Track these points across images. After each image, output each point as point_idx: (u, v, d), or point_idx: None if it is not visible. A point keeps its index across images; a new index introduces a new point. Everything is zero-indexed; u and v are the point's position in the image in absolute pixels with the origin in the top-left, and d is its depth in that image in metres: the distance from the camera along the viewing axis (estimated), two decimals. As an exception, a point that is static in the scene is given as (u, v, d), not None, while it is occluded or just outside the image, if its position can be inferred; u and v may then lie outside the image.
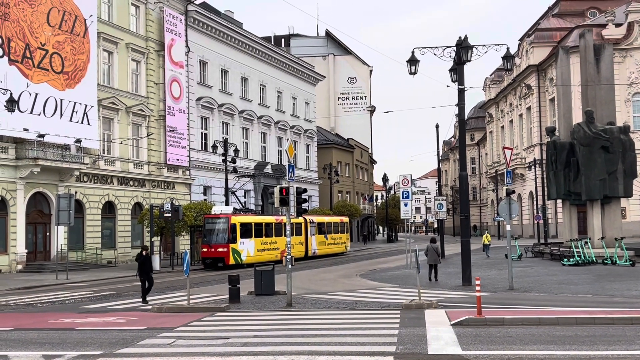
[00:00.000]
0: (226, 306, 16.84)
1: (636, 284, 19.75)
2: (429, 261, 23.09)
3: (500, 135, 79.01)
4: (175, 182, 43.08)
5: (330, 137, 73.80)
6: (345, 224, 48.80)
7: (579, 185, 29.90)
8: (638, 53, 55.38)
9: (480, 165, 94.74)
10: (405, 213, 30.29)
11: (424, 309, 15.20)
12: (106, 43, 37.82)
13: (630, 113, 54.68)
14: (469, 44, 21.21)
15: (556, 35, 64.81)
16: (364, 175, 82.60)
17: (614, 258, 27.28)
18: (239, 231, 33.82)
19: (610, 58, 32.49)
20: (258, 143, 54.09)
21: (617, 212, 30.72)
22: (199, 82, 46.31)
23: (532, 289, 19.61)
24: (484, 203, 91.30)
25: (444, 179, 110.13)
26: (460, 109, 21.89)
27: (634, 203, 51.30)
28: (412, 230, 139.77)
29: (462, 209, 22.47)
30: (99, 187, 36.94)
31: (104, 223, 37.51)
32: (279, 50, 61.27)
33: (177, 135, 42.65)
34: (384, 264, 34.41)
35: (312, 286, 22.64)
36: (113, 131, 38.18)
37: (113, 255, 37.35)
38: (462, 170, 22.13)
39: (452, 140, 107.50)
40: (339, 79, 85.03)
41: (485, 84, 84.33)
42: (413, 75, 22.20)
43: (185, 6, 44.81)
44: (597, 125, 29.81)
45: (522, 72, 66.67)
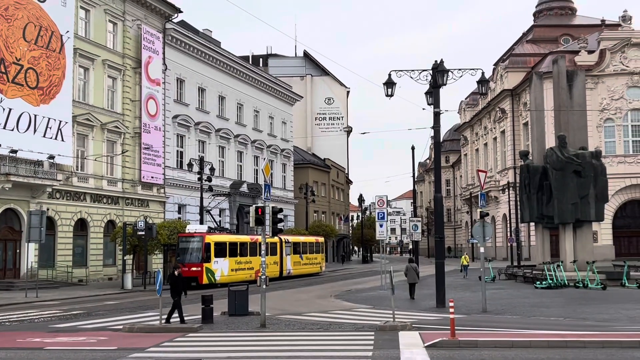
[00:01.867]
0: (199, 326, 16.66)
1: (607, 308, 19.95)
2: (409, 280, 24.37)
3: (475, 157, 79.81)
4: (150, 200, 42.71)
5: (307, 156, 73.90)
6: (320, 244, 48.71)
7: (551, 208, 30.26)
8: (610, 79, 56.48)
9: (455, 187, 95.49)
10: (380, 234, 30.35)
11: (398, 331, 15.18)
12: (82, 59, 37.59)
13: (601, 138, 55.61)
14: (445, 68, 21.48)
15: (530, 60, 65.93)
16: (340, 195, 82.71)
17: (585, 281, 27.58)
18: (213, 250, 33.57)
19: (583, 84, 33.11)
20: (234, 162, 53.95)
21: (589, 236, 31.11)
22: (175, 100, 46.16)
23: (505, 311, 19.71)
24: (458, 225, 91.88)
25: (420, 200, 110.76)
26: (436, 131, 22.10)
27: (605, 227, 52.06)
28: (388, 251, 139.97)
29: (436, 231, 22.59)
30: (72, 204, 36.48)
31: (76, 240, 36.99)
32: (257, 70, 61.42)
33: (153, 153, 42.38)
34: (359, 285, 34.35)
35: (286, 307, 22.51)
36: (87, 148, 37.83)
37: (84, 273, 36.79)
38: (437, 192, 22.28)
39: (427, 162, 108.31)
40: (317, 99, 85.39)
41: (461, 107, 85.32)
42: (390, 97, 22.43)
43: (164, 24, 44.80)
44: (569, 150, 30.27)
45: (496, 96, 67.60)
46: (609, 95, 56.21)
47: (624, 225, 56.13)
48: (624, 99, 56.08)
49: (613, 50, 56.71)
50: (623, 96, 56.09)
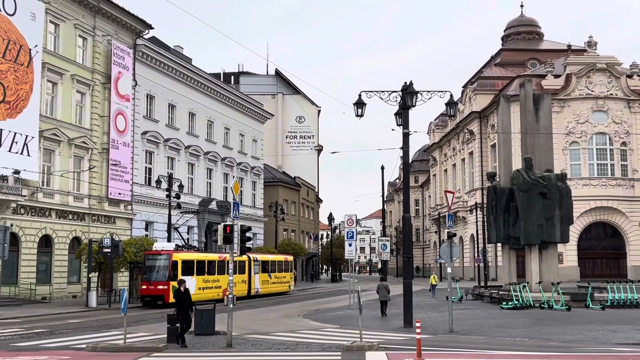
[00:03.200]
0: (164, 346, 16.43)
1: (571, 329, 20.21)
2: (380, 298, 25.40)
3: (443, 178, 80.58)
4: (117, 217, 42.19)
5: (277, 175, 73.85)
6: (289, 263, 48.54)
7: (517, 229, 30.62)
8: (575, 103, 57.68)
9: (424, 207, 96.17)
10: (349, 253, 30.37)
11: (365, 351, 15.17)
12: (51, 74, 37.18)
13: (567, 161, 56.63)
14: (414, 90, 21.72)
15: (498, 83, 67.07)
16: (310, 214, 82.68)
17: (550, 302, 27.90)
18: (180, 268, 33.20)
19: (549, 108, 33.75)
20: (204, 179, 53.67)
21: (554, 257, 31.52)
22: (145, 116, 45.85)
23: (472, 331, 19.83)
24: (427, 244, 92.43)
25: (389, 219, 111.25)
26: (405, 152, 22.28)
27: (570, 249, 52.84)
28: (356, 270, 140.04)
29: (405, 251, 22.69)
30: (36, 220, 35.84)
31: (40, 257, 36.30)
32: (228, 87, 61.39)
33: (121, 169, 41.95)
34: (327, 304, 34.27)
35: (253, 326, 22.34)
36: (54, 163, 37.29)
37: (48, 290, 36.09)
38: (406, 212, 22.40)
39: (397, 182, 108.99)
40: (288, 117, 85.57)
41: (430, 128, 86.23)
42: (360, 117, 22.59)
43: (134, 40, 44.59)
44: (535, 172, 30.75)
45: (465, 118, 68.51)
46: (575, 118, 57.36)
47: (588, 247, 57.07)
48: (589, 123, 57.28)
49: (579, 74, 58.00)
50: (588, 120, 57.30)
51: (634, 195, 56.70)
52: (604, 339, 17.79)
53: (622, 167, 57.43)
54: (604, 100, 57.51)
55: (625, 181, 57.03)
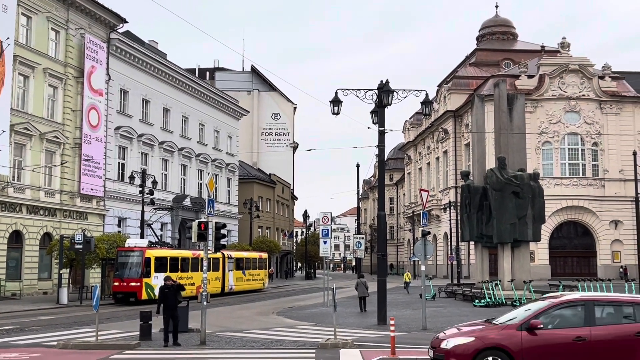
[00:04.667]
0: (136, 344, 16.28)
1: (542, 326, 20.42)
2: (359, 294, 26.32)
3: (418, 176, 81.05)
4: (89, 213, 41.68)
5: (252, 171, 73.60)
6: (264, 260, 48.43)
7: (490, 228, 30.91)
8: (548, 104, 58.39)
9: (399, 205, 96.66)
10: (324, 251, 30.40)
11: (339, 349, 15.19)
12: (22, 67, 36.55)
13: (540, 161, 57.35)
14: (390, 88, 21.77)
15: (472, 83, 67.65)
16: (285, 211, 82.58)
17: (522, 300, 28.16)
18: (153, 265, 32.95)
19: (522, 108, 34.10)
20: (178, 175, 53.25)
21: (526, 256, 31.89)
22: (118, 111, 45.34)
23: (445, 329, 19.92)
24: (400, 242, 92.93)
25: (363, 217, 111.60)
26: (380, 150, 22.33)
27: (541, 247, 53.56)
28: (331, 268, 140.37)
29: (379, 249, 22.77)
30: (6, 216, 35.24)
31: (10, 253, 35.70)
32: (203, 83, 60.98)
33: (93, 165, 41.43)
34: (302, 302, 34.27)
35: (227, 323, 22.25)
36: (25, 158, 36.69)
37: (18, 287, 35.52)
38: (381, 210, 22.46)
39: (372, 180, 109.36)
40: (263, 114, 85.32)
41: (405, 127, 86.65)
42: (336, 115, 22.58)
43: (108, 34, 44.04)
44: (508, 172, 31.05)
45: (439, 117, 68.96)
46: (547, 119, 58.08)
47: (559, 245, 57.89)
48: (561, 123, 58.05)
49: (552, 75, 58.73)
50: (560, 120, 58.07)
51: (604, 195, 57.63)
52: (574, 336, 18.00)
53: (593, 167, 58.32)
54: (576, 101, 58.32)
55: (596, 181, 57.93)
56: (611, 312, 11.13)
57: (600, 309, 11.07)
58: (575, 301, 11.31)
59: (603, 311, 11.08)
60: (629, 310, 11.01)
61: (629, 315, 10.96)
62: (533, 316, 10.98)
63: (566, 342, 10.64)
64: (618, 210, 57.27)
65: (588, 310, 10.92)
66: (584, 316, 10.88)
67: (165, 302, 16.53)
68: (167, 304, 16.49)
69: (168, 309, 16.44)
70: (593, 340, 10.60)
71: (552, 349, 10.66)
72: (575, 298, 11.54)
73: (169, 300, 16.53)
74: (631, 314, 10.94)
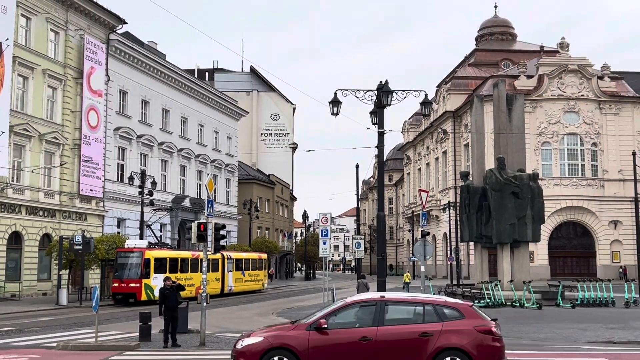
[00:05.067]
0: (136, 345, 16.27)
1: (542, 327, 20.45)
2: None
3: (417, 177, 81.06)
4: (88, 214, 41.67)
5: (252, 172, 73.60)
6: (263, 261, 48.41)
7: (490, 228, 30.88)
8: (547, 104, 58.41)
9: (398, 206, 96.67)
10: (323, 251, 30.39)
11: (339, 350, 15.15)
12: (22, 68, 36.54)
13: (539, 161, 57.37)
14: (389, 89, 21.76)
15: (472, 83, 67.67)
16: (284, 211, 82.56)
17: (522, 301, 28.19)
18: (152, 266, 32.94)
19: (522, 108, 34.08)
20: (177, 176, 53.24)
21: (526, 256, 31.87)
22: (117, 112, 45.33)
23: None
24: (400, 243, 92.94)
25: (363, 217, 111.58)
26: (380, 151, 22.33)
27: (541, 247, 53.58)
28: (330, 268, 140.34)
29: (379, 249, 22.76)
30: (6, 217, 35.22)
31: (9, 254, 35.68)
32: (202, 84, 60.97)
33: (92, 165, 41.42)
34: (301, 302, 34.25)
35: (227, 324, 22.23)
36: (24, 159, 36.68)
37: (18, 288, 35.50)
38: (380, 211, 22.45)
39: (371, 180, 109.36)
40: (262, 115, 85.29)
41: (404, 127, 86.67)
42: (335, 115, 22.57)
43: (107, 35, 44.04)
44: (508, 172, 31.03)
45: (439, 118, 68.98)
46: (547, 119, 58.11)
47: (559, 246, 57.91)
48: (560, 123, 58.07)
49: (551, 75, 58.75)
50: (560, 120, 58.09)
51: (603, 196, 57.65)
52: (574, 337, 18.03)
53: (593, 167, 58.35)
54: (576, 101, 58.34)
55: (595, 181, 57.96)
56: (401, 312, 11.24)
57: (391, 309, 11.15)
58: (368, 301, 11.40)
59: (394, 311, 11.17)
60: (419, 311, 11.08)
61: (419, 315, 11.02)
62: (323, 316, 11.09)
63: (352, 341, 10.74)
64: (617, 210, 57.30)
65: (379, 310, 11.00)
66: (373, 316, 10.96)
67: (165, 303, 16.49)
68: (167, 305, 16.45)
69: (168, 310, 16.39)
70: (379, 340, 10.67)
71: (337, 348, 10.75)
72: (367, 298, 11.63)
73: (169, 301, 16.48)
74: (420, 314, 11.00)
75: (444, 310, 10.94)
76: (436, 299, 11.56)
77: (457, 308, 11.04)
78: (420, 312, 11.02)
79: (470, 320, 10.82)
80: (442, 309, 10.98)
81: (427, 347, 10.54)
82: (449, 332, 10.63)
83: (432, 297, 12.08)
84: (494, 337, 10.80)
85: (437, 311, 10.92)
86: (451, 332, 10.63)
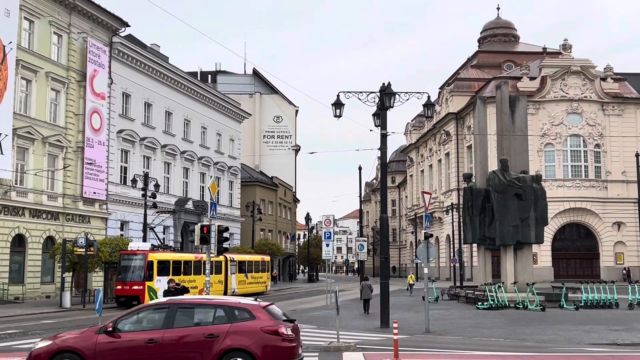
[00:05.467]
0: (139, 347, 16.25)
1: (546, 329, 20.42)
2: (363, 296, 26.79)
3: (420, 179, 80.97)
4: (91, 216, 41.73)
5: (255, 174, 73.63)
6: (266, 263, 48.41)
7: (493, 230, 30.83)
8: (550, 105, 58.32)
9: (401, 207, 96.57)
10: (326, 253, 30.38)
11: (342, 352, 15.17)
12: (25, 71, 36.63)
13: (542, 163, 57.25)
14: (392, 91, 21.76)
15: (474, 85, 67.58)
16: (287, 213, 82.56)
17: (525, 303, 28.14)
18: (156, 269, 32.94)
19: (525, 110, 34.04)
20: (180, 178, 53.30)
21: (529, 258, 31.80)
22: (120, 115, 45.41)
23: (448, 332, 19.94)
24: (403, 245, 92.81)
25: (366, 219, 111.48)
26: (383, 152, 22.34)
27: (544, 249, 53.48)
28: (333, 270, 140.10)
29: (382, 251, 22.75)
30: (9, 219, 35.29)
31: (13, 257, 35.75)
32: (205, 86, 61.05)
33: (96, 168, 41.49)
34: (304, 305, 34.22)
35: (229, 327, 22.18)
36: (27, 161, 36.76)
37: (21, 290, 35.57)
38: (383, 213, 22.44)
39: (374, 182, 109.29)
40: (265, 117, 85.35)
41: (407, 129, 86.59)
42: (338, 118, 22.57)
43: (110, 37, 44.13)
44: (511, 174, 30.99)
45: (441, 119, 68.91)
46: (550, 120, 58.01)
47: (562, 247, 57.77)
48: (563, 125, 57.97)
49: (554, 77, 58.66)
50: (563, 122, 57.99)
51: (607, 197, 57.52)
52: (578, 339, 18.00)
53: (596, 169, 58.23)
54: (579, 102, 58.25)
55: (598, 183, 57.83)
56: (192, 315, 11.43)
57: (183, 312, 11.36)
58: (160, 305, 11.66)
59: (185, 314, 11.36)
60: (209, 313, 11.33)
61: (209, 317, 11.26)
62: (113, 320, 11.41)
63: (139, 344, 10.99)
64: (621, 211, 57.17)
65: (170, 314, 11.23)
66: (164, 320, 11.18)
67: None
68: None
69: None
70: (165, 342, 10.89)
71: (125, 351, 11.03)
72: (159, 302, 11.98)
73: None
74: (211, 317, 11.25)
75: (235, 312, 11.22)
76: (229, 301, 11.78)
77: (248, 309, 11.29)
78: (211, 314, 11.31)
79: (259, 321, 11.09)
80: (234, 310, 11.25)
81: (212, 348, 10.78)
82: (235, 334, 10.89)
83: (225, 299, 12.32)
84: (282, 337, 11.03)
85: (228, 313, 11.20)
86: (237, 333, 10.90)
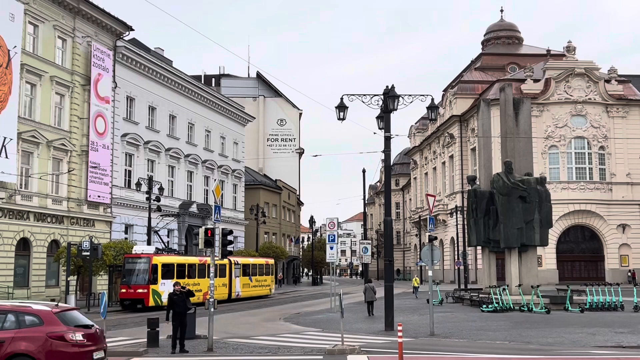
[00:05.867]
0: (144, 350, 16.29)
1: (551, 331, 20.37)
2: (367, 299, 27.03)
3: (424, 181, 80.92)
4: (96, 220, 41.80)
5: (258, 177, 73.68)
6: (270, 266, 48.43)
7: (497, 233, 30.81)
8: (554, 108, 58.23)
9: (405, 210, 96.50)
10: (330, 256, 30.39)
11: (347, 355, 15.17)
12: (29, 75, 36.74)
13: (546, 165, 57.14)
14: (396, 94, 21.77)
15: (478, 87, 67.53)
16: (291, 216, 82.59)
17: (530, 305, 28.09)
18: (160, 272, 33.00)
19: (529, 112, 34.02)
20: (184, 182, 53.36)
21: (534, 260, 31.75)
22: (125, 118, 45.50)
23: (452, 334, 19.91)
24: (407, 247, 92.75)
25: (370, 222, 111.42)
26: (386, 155, 22.34)
27: (549, 252, 53.33)
28: (337, 273, 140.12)
29: (386, 254, 22.72)
30: (14, 223, 35.38)
31: (18, 260, 35.82)
32: (209, 90, 61.14)
33: (100, 172, 41.57)
34: (309, 308, 34.23)
35: (234, 330, 22.25)
36: (32, 165, 36.85)
37: (26, 294, 35.61)
38: (387, 216, 22.44)
39: (378, 185, 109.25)
40: (269, 120, 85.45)
41: (411, 132, 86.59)
42: (342, 120, 22.57)
43: (114, 41, 44.24)
44: (515, 176, 30.96)
45: (445, 122, 68.87)
46: (554, 123, 57.91)
47: (567, 250, 57.63)
48: (567, 127, 57.87)
49: (558, 79, 58.57)
50: (567, 124, 57.88)
51: (611, 199, 57.38)
52: (583, 341, 17.95)
53: (600, 171, 58.10)
54: (583, 104, 58.15)
55: (603, 185, 57.69)
56: None
57: None
58: None
59: None
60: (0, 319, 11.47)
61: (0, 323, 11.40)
62: None
63: None
64: (625, 213, 57.03)
65: None
66: None
67: (174, 309, 16.45)
68: (176, 311, 16.41)
69: (177, 316, 16.34)
70: None
71: None
72: None
73: (177, 307, 16.43)
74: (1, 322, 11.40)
75: (25, 318, 11.39)
76: (20, 307, 11.89)
77: (38, 315, 11.47)
78: (2, 319, 11.45)
79: (47, 327, 11.29)
80: (24, 316, 11.42)
81: None
82: (20, 339, 11.07)
83: (18, 304, 12.37)
84: (70, 343, 11.25)
85: (18, 318, 11.37)
86: (23, 339, 11.08)
